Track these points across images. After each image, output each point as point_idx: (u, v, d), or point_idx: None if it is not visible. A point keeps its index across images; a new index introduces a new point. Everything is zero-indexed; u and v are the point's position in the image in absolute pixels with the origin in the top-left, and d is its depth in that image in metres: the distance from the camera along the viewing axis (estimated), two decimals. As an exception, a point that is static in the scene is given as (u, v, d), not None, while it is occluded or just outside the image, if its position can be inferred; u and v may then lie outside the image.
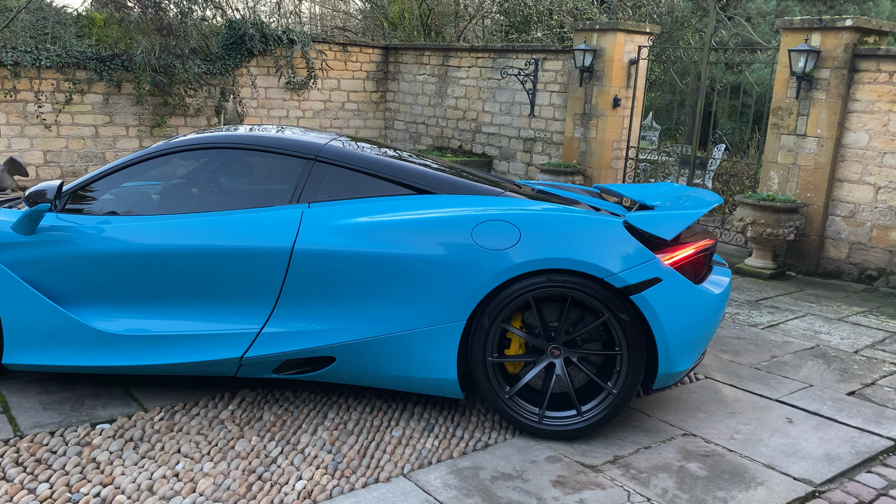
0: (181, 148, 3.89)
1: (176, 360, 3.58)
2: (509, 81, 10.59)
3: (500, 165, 10.96)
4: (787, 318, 5.80)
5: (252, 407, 3.74)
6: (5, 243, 3.64)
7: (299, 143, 3.88)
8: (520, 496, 3.02)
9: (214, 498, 2.91)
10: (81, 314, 3.65)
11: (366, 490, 3.02)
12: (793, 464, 3.40)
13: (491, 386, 3.50)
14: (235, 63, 11.18)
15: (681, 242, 3.63)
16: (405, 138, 12.58)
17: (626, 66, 9.26)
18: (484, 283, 3.40)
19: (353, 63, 12.48)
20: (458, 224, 3.48)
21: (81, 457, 3.17)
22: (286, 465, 3.18)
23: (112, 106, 10.42)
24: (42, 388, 3.84)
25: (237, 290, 3.58)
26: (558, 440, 3.50)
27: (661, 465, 3.32)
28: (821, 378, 4.52)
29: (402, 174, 3.82)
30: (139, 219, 3.70)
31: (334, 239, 3.51)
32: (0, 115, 9.61)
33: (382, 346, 3.51)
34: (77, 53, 10.04)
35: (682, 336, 3.41)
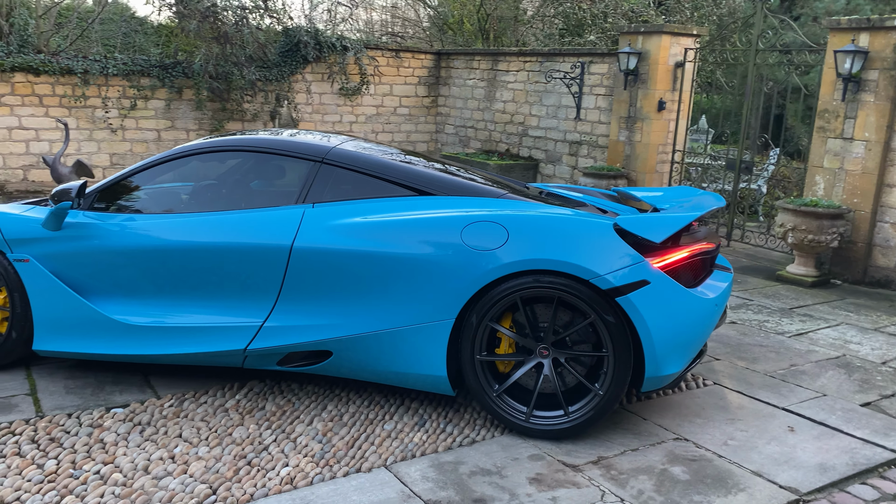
0: (199, 150, 4.12)
1: (186, 351, 3.80)
2: (556, 85, 10.58)
3: (545, 169, 10.96)
4: (819, 327, 5.64)
5: (257, 397, 3.92)
6: (35, 238, 3.94)
7: (308, 145, 4.06)
8: (493, 491, 3.09)
9: (202, 479, 3.09)
10: (102, 305, 3.91)
11: (346, 479, 3.15)
12: (782, 472, 3.35)
13: (479, 383, 3.58)
14: (291, 70, 11.55)
15: (675, 245, 3.63)
16: (454, 142, 12.71)
17: (671, 68, 9.14)
18: (472, 282, 3.48)
19: (405, 69, 12.70)
20: (448, 224, 3.58)
21: (91, 437, 3.41)
22: (276, 453, 3.35)
23: (174, 111, 10.93)
24: (69, 373, 4.13)
25: (242, 285, 3.78)
26: (545, 439, 3.55)
27: (644, 468, 3.33)
28: (837, 388, 4.40)
29: (403, 176, 3.94)
30: (154, 217, 3.95)
31: (330, 238, 3.66)
32: (71, 119, 10.21)
33: (376, 341, 3.63)
34: (142, 61, 10.59)
35: (670, 339, 3.41)
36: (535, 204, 3.88)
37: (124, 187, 4.10)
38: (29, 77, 9.89)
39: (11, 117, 9.88)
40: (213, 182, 4.30)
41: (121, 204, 4.06)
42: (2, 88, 9.75)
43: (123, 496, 2.93)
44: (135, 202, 4.09)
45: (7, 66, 9.66)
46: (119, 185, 4.09)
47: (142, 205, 4.08)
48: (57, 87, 10.09)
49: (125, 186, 4.10)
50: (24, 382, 3.99)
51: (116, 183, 4.09)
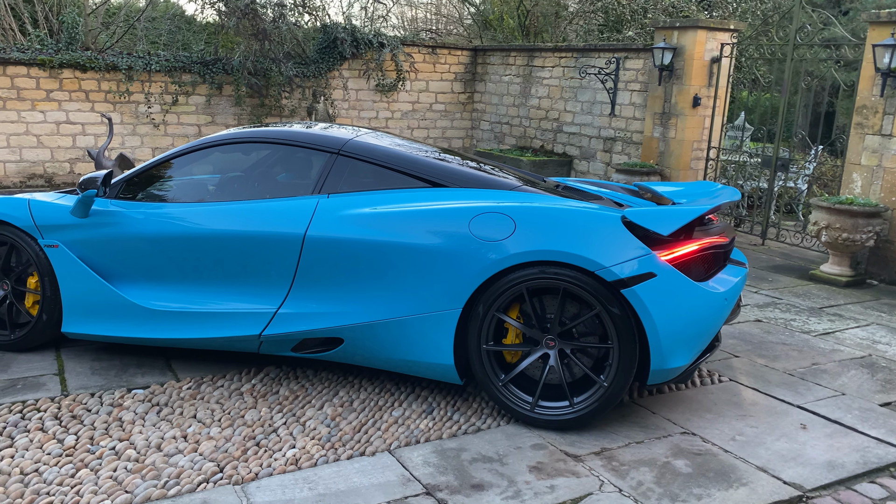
0: (221, 142, 4.24)
1: (203, 335, 3.93)
2: (591, 81, 10.52)
3: (579, 165, 10.91)
4: (847, 327, 5.53)
5: (272, 382, 4.03)
6: (64, 225, 4.11)
7: (324, 137, 4.15)
8: (492, 477, 3.13)
9: (211, 458, 3.20)
10: (126, 290, 4.07)
11: (349, 462, 3.22)
12: (788, 468, 3.31)
13: (486, 373, 3.62)
14: (328, 66, 11.71)
15: (687, 239, 3.61)
16: (490, 138, 12.73)
17: (707, 64, 9.01)
18: (479, 272, 3.52)
19: (441, 65, 12.76)
20: (456, 215, 3.62)
21: (110, 416, 3.55)
22: (284, 435, 3.44)
23: (214, 107, 11.18)
24: (96, 356, 4.29)
25: (258, 272, 3.88)
26: (550, 430, 3.57)
27: (646, 460, 3.33)
28: (857, 388, 4.32)
29: (418, 168, 4.00)
30: (174, 205, 4.08)
31: (341, 227, 3.74)
32: (115, 114, 10.54)
33: (385, 329, 3.70)
34: (183, 58, 10.86)
35: (676, 333, 3.40)
36: (547, 196, 3.90)
37: (148, 177, 4.25)
38: (76, 73, 10.24)
39: (59, 112, 10.24)
40: (232, 172, 4.42)
41: (144, 193, 4.21)
42: (51, 84, 10.11)
43: (135, 471, 3.06)
44: (157, 191, 4.23)
45: (56, 63, 10.02)
46: (144, 174, 4.24)
47: (164, 194, 4.22)
48: (102, 82, 10.42)
49: (149, 176, 4.25)
50: (54, 363, 4.17)
51: (142, 173, 4.24)
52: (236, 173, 4.42)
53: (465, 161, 4.37)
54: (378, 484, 3.04)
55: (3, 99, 9.89)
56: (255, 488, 2.97)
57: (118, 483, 2.96)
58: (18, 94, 9.99)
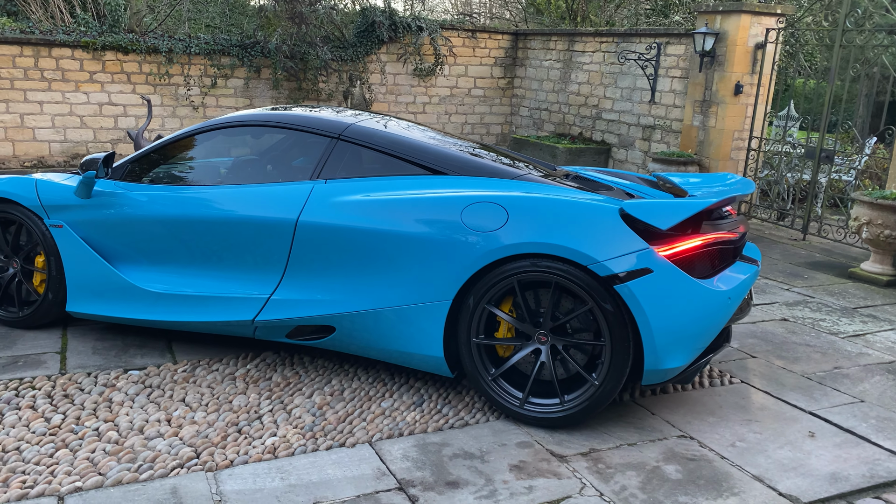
0: (223, 125, 4.22)
1: (198, 319, 3.93)
2: (631, 66, 10.23)
3: (618, 154, 10.64)
4: (881, 329, 5.24)
5: (267, 368, 4.01)
6: (68, 205, 4.16)
7: (325, 122, 4.08)
8: (469, 474, 3.04)
9: (190, 443, 3.19)
10: (126, 271, 4.10)
11: (327, 452, 3.17)
12: (787, 479, 3.13)
13: (475, 366, 3.53)
14: (366, 50, 11.67)
15: (689, 233, 3.44)
16: (529, 125, 12.52)
17: (751, 50, 8.65)
18: (470, 263, 3.42)
19: (481, 49, 12.59)
20: (448, 204, 3.52)
21: (101, 396, 3.58)
22: (268, 422, 3.41)
23: (252, 90, 11.26)
24: (100, 335, 4.35)
25: (253, 257, 3.86)
26: (540, 427, 3.46)
27: (635, 464, 3.19)
28: (879, 395, 4.08)
29: (417, 154, 3.91)
30: (173, 188, 4.08)
31: (332, 214, 3.67)
32: (155, 96, 10.71)
33: (375, 319, 3.64)
34: (223, 41, 10.95)
35: (672, 332, 3.24)
36: (547, 186, 3.76)
37: (151, 160, 4.26)
38: (118, 55, 10.42)
39: (102, 93, 10.46)
40: (232, 156, 4.40)
41: (146, 175, 4.22)
42: (94, 66, 10.32)
43: (112, 453, 3.07)
44: (158, 174, 4.24)
45: (98, 45, 10.21)
46: (147, 157, 4.25)
47: (164, 177, 4.22)
48: (144, 64, 10.59)
49: (152, 159, 4.26)
50: (58, 341, 4.23)
51: (146, 155, 4.25)
52: (235, 157, 4.40)
53: (472, 148, 4.26)
54: (351, 477, 2.98)
55: (48, 80, 10.14)
56: (228, 476, 2.95)
57: (93, 465, 2.98)
58: (63, 75, 10.22)
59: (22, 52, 9.95)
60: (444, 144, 4.13)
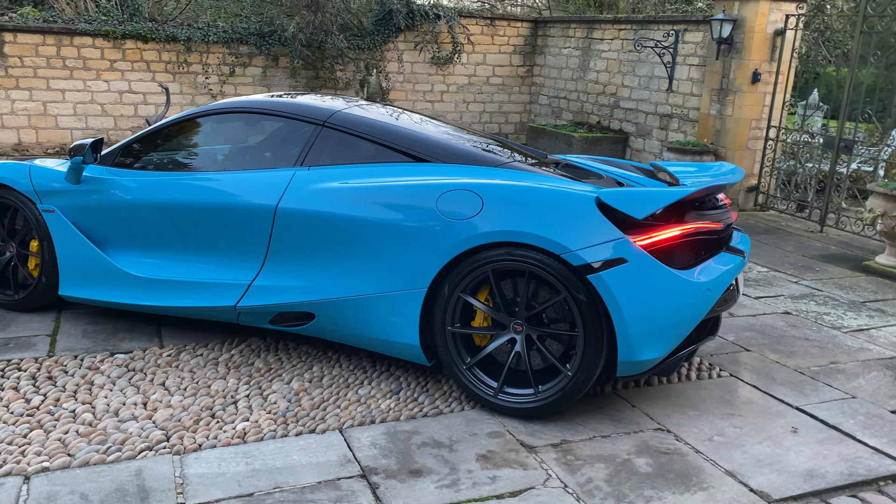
0: (211, 112, 4.24)
1: (183, 304, 3.97)
2: (649, 54, 10.05)
3: (635, 143, 10.48)
4: (887, 324, 5.10)
5: (252, 353, 4.04)
6: (59, 191, 4.22)
7: (311, 108, 4.08)
8: (435, 463, 3.03)
9: (162, 426, 3.22)
10: (115, 256, 4.15)
11: (296, 438, 3.18)
12: (760, 475, 3.06)
13: (450, 355, 3.51)
14: (383, 38, 11.65)
15: (669, 223, 3.37)
16: (547, 113, 12.40)
17: (769, 37, 8.44)
18: (445, 251, 3.40)
19: (499, 37, 12.49)
20: (424, 192, 3.50)
21: (84, 379, 3.64)
22: (242, 407, 3.44)
23: (269, 78, 11.32)
24: (92, 319, 4.41)
25: (236, 243, 3.88)
26: (514, 417, 3.43)
27: (606, 456, 3.15)
28: (872, 391, 3.97)
29: (402, 142, 3.89)
30: (160, 174, 4.12)
31: (311, 201, 3.67)
32: (174, 85, 10.83)
33: (353, 306, 3.63)
34: (241, 30, 11.02)
35: (646, 323, 3.18)
36: (530, 174, 3.71)
37: (141, 146, 4.30)
38: (138, 44, 10.55)
39: (122, 81, 10.60)
40: (220, 143, 4.42)
41: (135, 161, 4.27)
42: (114, 54, 10.46)
43: (84, 434, 3.11)
44: (147, 160, 4.28)
45: (118, 34, 10.34)
46: (137, 143, 4.29)
47: (153, 163, 4.26)
48: (163, 53, 10.70)
49: (142, 146, 4.30)
50: (51, 324, 4.31)
51: (136, 142, 4.29)
52: (222, 144, 4.42)
53: (460, 136, 4.22)
54: (316, 463, 2.99)
55: (70, 69, 10.30)
56: (193, 459, 2.98)
57: (64, 445, 3.03)
58: (84, 64, 10.38)
59: (44, 41, 10.12)
60: (431, 132, 4.09)
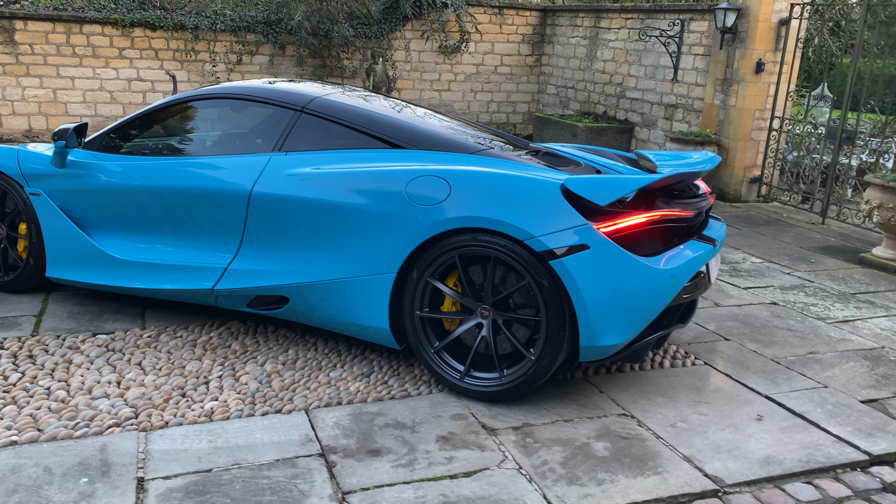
0: (194, 98, 4.31)
1: (162, 286, 4.05)
2: (655, 44, 9.99)
3: (640, 133, 10.43)
4: (873, 316, 5.07)
5: (230, 336, 4.11)
6: (45, 174, 4.32)
7: (290, 94, 4.13)
8: (394, 443, 3.08)
9: (131, 404, 3.31)
10: (99, 239, 4.24)
11: (262, 418, 3.25)
12: (717, 461, 3.08)
13: (418, 339, 3.55)
14: (390, 27, 11.67)
15: (635, 210, 3.38)
16: (555, 103, 12.37)
17: (774, 26, 8.36)
18: (413, 236, 3.43)
19: (508, 26, 12.46)
20: (394, 177, 3.54)
21: (63, 358, 3.73)
22: (214, 387, 3.51)
23: (276, 67, 11.40)
24: (79, 301, 4.51)
25: (212, 227, 3.95)
26: (480, 400, 3.48)
27: (565, 440, 3.18)
28: (846, 381, 3.95)
29: (378, 129, 3.92)
30: (142, 159, 4.20)
31: (283, 185, 3.73)
32: (182, 72, 10.94)
33: (325, 290, 3.69)
34: (249, 18, 11.09)
35: (607, 309, 3.20)
36: (504, 161, 3.73)
37: (125, 131, 4.38)
38: (146, 32, 10.66)
39: (131, 69, 10.73)
40: (203, 128, 4.48)
41: (118, 146, 4.34)
42: (123, 42, 10.59)
43: (56, 410, 3.20)
44: (131, 145, 4.35)
45: (127, 22, 10.46)
46: (121, 129, 4.37)
47: (136, 148, 4.34)
48: (171, 41, 10.81)
49: (126, 131, 4.38)
50: (38, 305, 4.41)
51: (121, 127, 4.37)
52: (203, 129, 4.49)
53: (441, 123, 4.24)
54: (277, 442, 3.05)
55: (79, 56, 10.45)
56: (158, 436, 3.05)
57: (35, 421, 3.11)
58: (94, 51, 10.52)
59: (54, 29, 10.27)
60: (410, 119, 4.13)
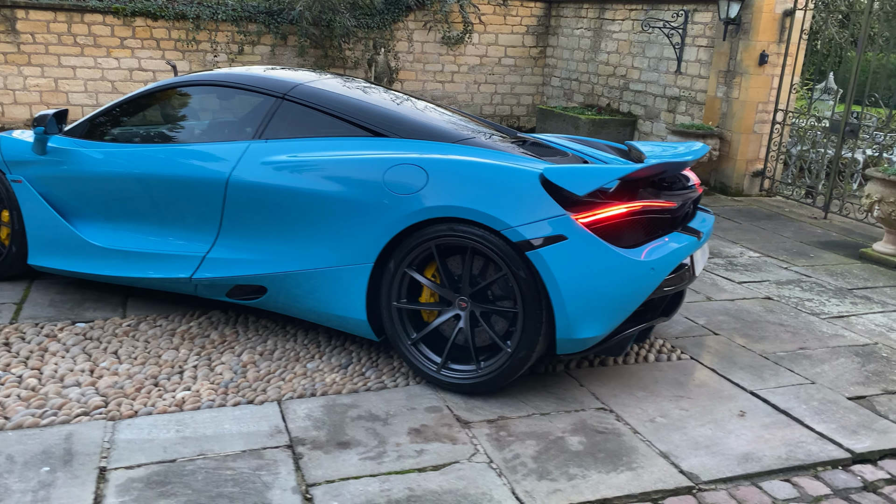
0: (176, 85, 4.26)
1: (141, 275, 4.01)
2: (658, 35, 9.86)
3: (643, 126, 10.32)
4: (868, 312, 4.97)
5: (210, 325, 4.07)
6: (27, 161, 4.29)
7: (272, 81, 4.08)
8: (365, 436, 3.03)
9: (102, 393, 3.27)
10: (79, 227, 4.21)
11: (233, 408, 3.21)
12: (694, 457, 3.01)
13: (395, 330, 3.50)
14: (393, 17, 11.59)
15: (621, 200, 3.31)
16: (559, 95, 12.26)
17: (778, 17, 8.23)
18: (390, 226, 3.38)
19: (512, 17, 12.34)
20: (372, 165, 3.48)
21: (39, 346, 3.70)
22: (188, 377, 3.47)
23: (278, 57, 11.35)
24: (61, 289, 4.49)
25: (191, 215, 3.91)
26: (456, 393, 3.42)
27: (540, 433, 3.12)
28: (834, 378, 3.87)
29: (361, 116, 3.86)
30: (122, 146, 4.16)
31: (260, 173, 3.68)
32: (184, 62, 10.91)
33: (301, 279, 3.64)
34: (250, 7, 11.04)
35: (584, 301, 3.14)
36: (485, 150, 3.67)
37: (107, 118, 4.34)
38: (148, 21, 10.63)
39: (132, 59, 10.71)
40: (183, 116, 4.44)
41: (99, 133, 4.30)
42: (124, 32, 10.56)
43: (25, 398, 3.17)
44: (113, 132, 4.31)
45: (128, 11, 10.43)
46: (103, 115, 4.33)
47: (118, 135, 4.30)
48: (172, 31, 10.77)
49: (108, 118, 4.34)
50: (20, 293, 4.39)
51: (103, 114, 4.33)
52: (185, 116, 4.44)
53: (427, 112, 4.17)
54: (246, 433, 3.01)
55: (80, 45, 10.43)
56: (126, 426, 3.02)
57: (3, 408, 3.09)
58: (95, 41, 10.50)
59: (55, 18, 10.25)
60: (393, 107, 4.06)
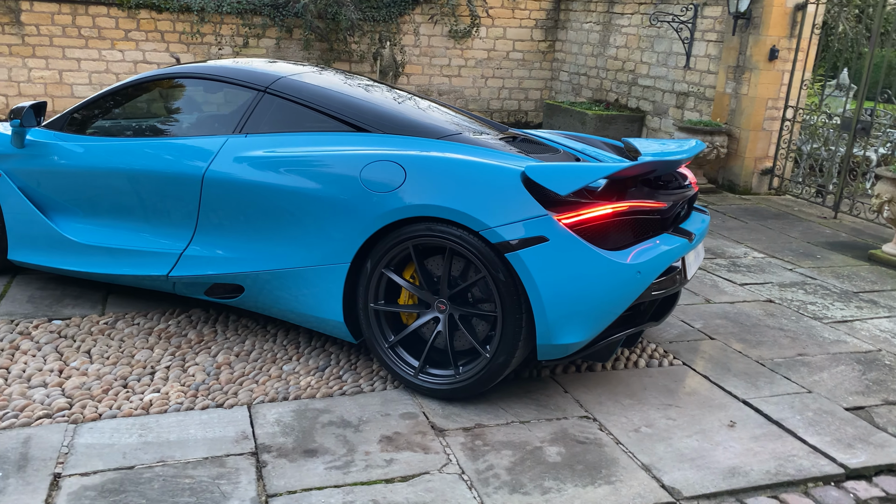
0: (157, 78, 4.16)
1: (117, 272, 3.92)
2: (667, 30, 9.66)
3: (651, 122, 10.12)
4: (874, 316, 4.79)
5: (189, 324, 3.97)
6: (5, 154, 4.21)
7: (254, 73, 3.96)
8: (334, 443, 2.92)
9: (68, 394, 3.18)
10: (58, 222, 4.12)
11: (199, 412, 3.10)
12: (677, 470, 2.87)
13: (372, 333, 3.38)
14: (399, 10, 11.46)
15: (609, 200, 3.17)
16: (567, 90, 12.08)
17: (790, 11, 8.01)
18: (367, 225, 3.26)
19: (520, 10, 12.17)
20: (348, 162, 3.36)
21: (11, 344, 3.62)
22: (158, 378, 3.37)
23: (283, 50, 11.25)
24: (43, 284, 4.41)
25: (168, 211, 3.81)
26: (433, 398, 3.30)
27: (517, 443, 2.99)
28: (833, 386, 3.71)
29: (344, 111, 3.74)
30: (100, 139, 4.06)
31: (235, 169, 3.57)
32: (188, 55, 10.84)
33: (277, 279, 3.53)
34: (255, 0, 10.95)
35: (565, 305, 3.00)
36: (470, 147, 3.53)
37: (88, 112, 4.24)
38: (152, 14, 10.57)
39: (137, 51, 10.65)
40: (166, 109, 4.34)
41: (79, 127, 4.21)
42: (128, 24, 10.50)
43: (-12, 399, 3.09)
44: (92, 126, 4.22)
45: (133, 3, 10.37)
46: (84, 109, 4.24)
47: (97, 129, 4.20)
48: (177, 23, 10.70)
49: (89, 111, 4.24)
50: (0, 288, 4.31)
51: (84, 107, 4.24)
52: (165, 109, 4.34)
53: (414, 107, 4.04)
54: (210, 438, 2.91)
55: (85, 38, 10.39)
56: (88, 429, 2.92)
57: (-37, 409, 3.00)
58: (99, 33, 10.45)
59: (60, 10, 10.21)
60: (378, 102, 3.93)
